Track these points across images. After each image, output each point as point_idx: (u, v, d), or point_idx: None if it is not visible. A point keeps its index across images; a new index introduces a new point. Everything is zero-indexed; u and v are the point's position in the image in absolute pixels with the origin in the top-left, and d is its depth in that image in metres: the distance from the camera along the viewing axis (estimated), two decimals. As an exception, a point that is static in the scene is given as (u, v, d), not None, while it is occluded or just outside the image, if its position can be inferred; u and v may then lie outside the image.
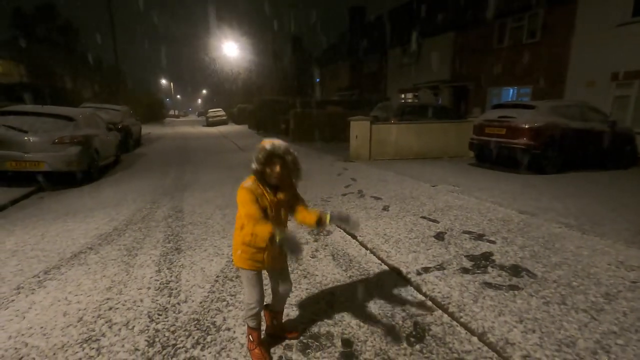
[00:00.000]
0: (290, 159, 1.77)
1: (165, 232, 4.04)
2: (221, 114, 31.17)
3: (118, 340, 2.13)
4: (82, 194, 6.00)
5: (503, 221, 4.17)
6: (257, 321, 1.98)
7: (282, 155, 1.75)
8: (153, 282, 2.85)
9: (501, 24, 14.09)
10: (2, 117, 6.35)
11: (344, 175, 7.33)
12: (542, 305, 2.44)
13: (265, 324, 2.18)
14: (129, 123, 12.33)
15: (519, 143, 7.45)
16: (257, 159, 1.74)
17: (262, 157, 1.74)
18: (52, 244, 3.69)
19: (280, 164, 1.75)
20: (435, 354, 2.05)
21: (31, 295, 2.67)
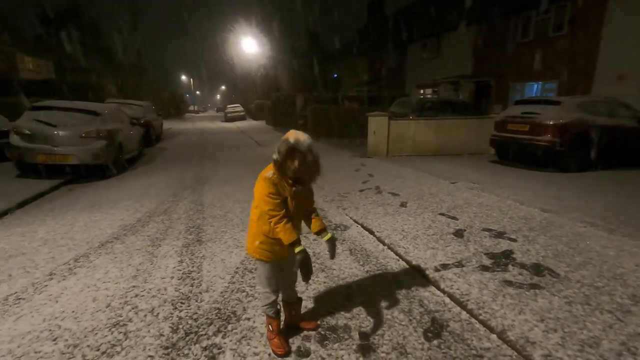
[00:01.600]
0: (311, 158, 1.79)
1: (187, 224, 4.16)
2: (239, 110, 31.51)
3: (144, 326, 2.22)
4: (108, 186, 6.23)
5: (525, 219, 4.08)
6: (274, 310, 2.02)
7: (303, 152, 1.77)
8: (176, 272, 2.95)
9: (525, 17, 13.66)
10: (33, 112, 6.64)
11: (361, 171, 7.31)
12: (565, 305, 2.39)
13: (284, 315, 2.22)
14: (150, 118, 12.64)
15: (542, 140, 7.23)
16: (279, 150, 1.78)
17: (284, 150, 1.77)
18: (80, 233, 3.86)
19: (300, 159, 1.78)
20: (453, 349, 2.05)
21: (63, 281, 2.81)
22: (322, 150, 11.41)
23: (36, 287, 2.71)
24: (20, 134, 6.23)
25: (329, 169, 7.42)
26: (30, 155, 6.19)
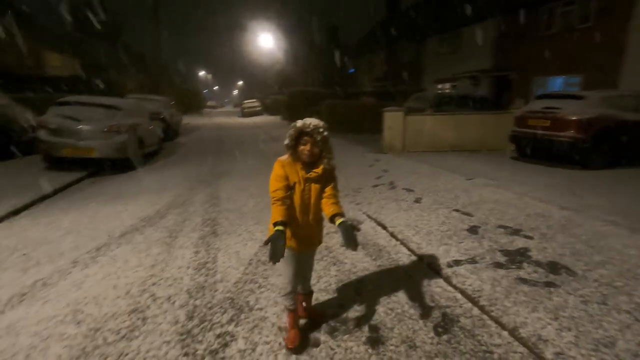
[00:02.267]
0: (320, 138, 1.80)
1: (203, 216, 4.26)
2: (256, 105, 31.74)
3: (161, 313, 2.31)
4: (128, 179, 6.43)
5: (542, 217, 4.00)
6: (291, 301, 2.03)
7: (310, 133, 1.79)
8: (192, 262, 3.04)
9: (550, 8, 13.20)
10: (59, 107, 6.90)
11: (375, 166, 7.29)
12: (580, 304, 2.35)
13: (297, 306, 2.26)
14: (169, 113, 12.91)
15: (565, 136, 7.01)
16: (289, 134, 1.82)
17: (293, 134, 1.81)
18: (102, 224, 4.01)
19: (311, 142, 1.80)
20: (463, 345, 2.05)
21: (85, 269, 2.94)
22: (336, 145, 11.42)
23: (61, 273, 2.85)
24: (46, 128, 6.49)
25: (343, 164, 7.43)
26: (55, 149, 6.45)
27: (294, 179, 1.86)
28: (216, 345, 2.01)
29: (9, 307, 2.40)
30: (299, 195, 1.87)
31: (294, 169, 1.87)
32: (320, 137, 1.80)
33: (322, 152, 1.84)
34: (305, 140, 1.81)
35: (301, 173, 1.86)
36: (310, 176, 1.86)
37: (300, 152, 1.83)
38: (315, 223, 1.98)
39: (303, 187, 1.87)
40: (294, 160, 1.86)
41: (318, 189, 1.90)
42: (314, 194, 1.90)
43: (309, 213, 1.92)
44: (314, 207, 1.92)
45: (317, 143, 1.81)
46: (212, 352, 1.96)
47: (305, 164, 1.86)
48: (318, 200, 1.92)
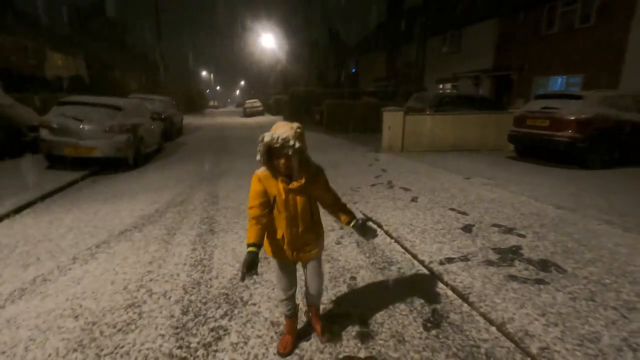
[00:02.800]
0: (292, 152, 1.60)
1: (201, 215, 4.32)
2: (257, 105, 31.84)
3: (157, 308, 2.37)
4: (129, 178, 6.50)
5: (537, 215, 4.03)
6: (287, 309, 1.98)
7: (280, 149, 1.61)
8: (188, 259, 3.10)
9: (550, 7, 13.18)
10: (61, 107, 6.98)
11: (375, 166, 7.33)
12: (569, 301, 2.39)
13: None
14: (171, 113, 12.99)
15: (563, 136, 7.03)
16: (259, 151, 1.65)
17: (262, 150, 1.64)
18: (102, 221, 4.08)
19: (284, 157, 1.63)
20: (451, 340, 2.09)
21: (85, 265, 3.00)
22: (337, 145, 11.45)
23: (61, 269, 2.92)
24: (49, 128, 6.57)
25: (343, 164, 7.48)
26: (58, 148, 6.52)
27: (274, 192, 1.73)
28: (209, 339, 2.07)
29: (9, 301, 2.46)
30: (283, 207, 1.75)
31: (272, 181, 1.73)
32: (292, 151, 1.60)
33: (298, 164, 1.68)
34: (277, 155, 1.65)
35: (281, 185, 1.71)
36: (293, 187, 1.71)
37: (276, 166, 1.69)
38: (308, 233, 1.84)
39: (286, 199, 1.73)
40: (272, 175, 1.72)
41: (304, 200, 1.77)
42: (300, 205, 1.77)
43: (298, 225, 1.79)
44: (301, 217, 1.79)
45: (290, 157, 1.63)
46: (205, 345, 2.02)
47: (285, 175, 1.72)
48: (306, 210, 1.80)
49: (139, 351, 1.96)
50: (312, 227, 1.86)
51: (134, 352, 1.95)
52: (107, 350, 1.97)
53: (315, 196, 1.86)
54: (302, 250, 1.86)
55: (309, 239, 1.86)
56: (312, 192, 1.81)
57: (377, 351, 1.99)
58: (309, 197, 1.80)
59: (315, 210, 1.88)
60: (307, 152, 1.70)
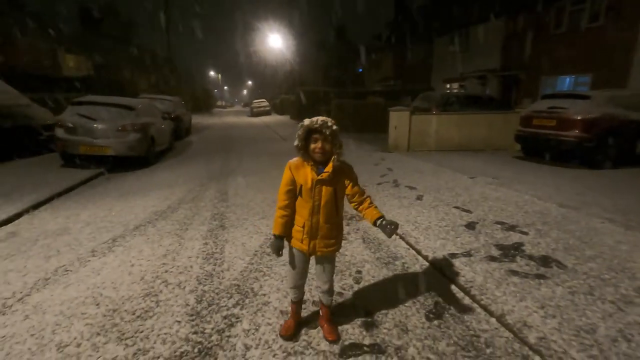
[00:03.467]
0: (329, 132, 1.77)
1: (212, 211, 4.47)
2: (265, 105, 32.06)
3: (172, 297, 2.51)
4: (141, 176, 6.68)
5: (540, 214, 4.09)
6: (294, 295, 2.09)
7: (319, 130, 1.77)
8: (201, 253, 3.23)
9: (559, 7, 13.12)
10: (75, 106, 7.18)
11: (380, 165, 7.42)
12: (568, 295, 2.47)
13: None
14: (180, 113, 13.21)
15: (570, 135, 7.04)
16: (298, 135, 1.81)
17: (301, 133, 1.79)
18: (117, 217, 4.24)
19: (321, 138, 1.78)
20: (452, 329, 2.19)
21: (103, 257, 3.16)
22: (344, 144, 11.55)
23: (81, 261, 3.07)
24: (64, 127, 6.78)
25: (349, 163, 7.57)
26: (73, 146, 6.73)
27: (301, 180, 1.84)
28: (223, 325, 2.19)
29: (34, 290, 2.62)
30: (308, 195, 1.84)
31: (303, 171, 1.85)
32: (329, 132, 1.76)
33: (333, 147, 1.81)
34: (315, 138, 1.79)
35: (311, 175, 1.83)
36: (322, 177, 1.81)
37: (311, 152, 1.81)
38: (329, 225, 1.90)
39: (312, 187, 1.83)
40: (305, 161, 1.84)
41: (330, 191, 1.85)
42: (325, 196, 1.85)
43: (319, 215, 1.87)
44: (324, 208, 1.86)
45: (327, 138, 1.78)
46: (219, 331, 2.14)
47: (317, 163, 1.83)
48: (331, 202, 1.87)
49: (157, 335, 2.09)
50: (334, 221, 1.92)
51: (153, 336, 2.08)
52: (128, 334, 2.11)
53: (342, 189, 1.93)
54: (319, 243, 1.92)
55: (329, 232, 1.92)
56: (340, 184, 1.90)
57: (381, 339, 2.09)
58: (335, 191, 1.88)
59: (340, 207, 1.94)
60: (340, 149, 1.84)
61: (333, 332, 2.09)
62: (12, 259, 3.11)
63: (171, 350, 1.97)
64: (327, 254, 1.97)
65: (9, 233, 3.76)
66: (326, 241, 1.93)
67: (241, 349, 1.99)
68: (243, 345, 2.02)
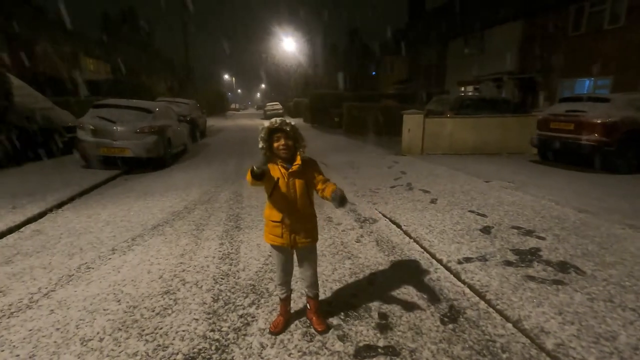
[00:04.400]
0: (289, 128, 1.90)
1: (227, 212, 4.54)
2: (278, 108, 32.33)
3: (190, 295, 2.57)
4: (158, 177, 6.84)
5: (558, 219, 4.02)
6: (282, 292, 2.18)
7: (280, 128, 1.89)
8: (217, 253, 3.30)
9: (578, 8, 12.86)
10: (96, 109, 7.41)
11: (394, 168, 7.39)
12: (586, 301, 2.42)
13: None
14: (196, 115, 13.45)
15: (589, 139, 6.89)
16: (261, 137, 1.91)
17: (264, 135, 1.91)
18: (136, 217, 4.36)
19: (283, 136, 1.90)
20: (467, 334, 2.18)
21: (123, 255, 3.25)
22: (356, 147, 11.56)
23: (102, 259, 3.17)
24: (85, 129, 7.00)
25: (362, 165, 7.60)
26: (93, 148, 6.95)
27: (276, 174, 1.95)
28: (239, 324, 2.24)
29: (59, 286, 2.72)
30: (285, 189, 1.96)
31: (274, 168, 1.96)
32: (289, 128, 1.89)
33: (296, 143, 1.94)
34: (277, 137, 1.91)
35: (282, 170, 1.95)
36: (293, 170, 1.94)
37: (276, 150, 1.93)
38: (305, 218, 2.03)
39: (287, 181, 1.95)
40: (272, 162, 1.95)
41: (302, 184, 1.98)
42: (299, 188, 1.98)
43: (297, 208, 1.99)
44: (300, 201, 1.98)
45: (289, 134, 1.90)
46: (235, 329, 2.19)
47: (284, 160, 1.95)
48: (304, 195, 2.00)
49: (176, 332, 2.15)
50: (309, 214, 2.06)
51: (172, 333, 2.14)
52: (148, 330, 2.17)
53: (311, 181, 2.02)
54: (298, 235, 2.02)
55: (307, 223, 2.05)
56: (308, 176, 2.01)
57: (395, 341, 2.10)
58: (306, 183, 2.01)
59: (311, 197, 2.07)
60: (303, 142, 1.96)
61: (322, 323, 2.20)
62: (38, 256, 3.24)
63: (189, 346, 2.03)
64: (307, 244, 2.07)
65: (34, 231, 3.91)
66: (305, 233, 2.04)
67: (257, 348, 2.02)
68: (259, 344, 2.05)
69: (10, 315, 2.33)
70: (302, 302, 2.44)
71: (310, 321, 2.24)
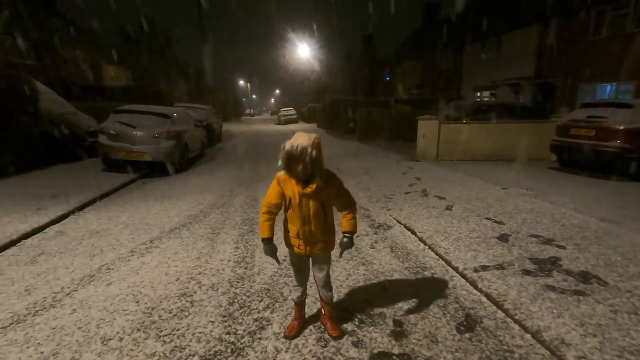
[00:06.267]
0: (308, 159, 1.81)
1: (242, 216, 4.60)
2: (292, 113, 32.56)
3: (206, 298, 2.61)
4: (175, 181, 6.97)
5: (578, 227, 3.92)
6: (297, 296, 2.18)
7: (300, 157, 1.81)
8: (232, 256, 3.34)
9: (599, 12, 12.57)
10: (117, 114, 7.64)
11: (408, 174, 7.34)
12: (609, 313, 2.35)
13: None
14: (212, 121, 13.68)
15: (610, 146, 6.71)
16: (281, 157, 1.87)
17: (284, 157, 1.86)
18: (154, 219, 4.45)
19: (301, 164, 1.84)
20: (484, 343, 2.14)
21: (141, 257, 3.33)
22: (370, 152, 11.51)
23: (122, 260, 3.26)
24: (106, 133, 7.21)
25: (376, 171, 7.57)
26: (114, 152, 7.15)
27: (289, 194, 1.95)
28: (254, 328, 2.26)
29: (80, 286, 2.80)
30: (297, 208, 1.95)
31: (290, 184, 1.94)
32: (309, 159, 1.81)
33: (314, 170, 1.87)
34: (294, 162, 1.85)
35: (297, 189, 1.92)
36: (306, 192, 1.91)
37: (294, 171, 1.88)
38: (320, 232, 2.01)
39: (299, 202, 1.93)
40: (290, 176, 1.93)
41: (316, 204, 1.95)
42: (313, 208, 1.95)
43: (310, 224, 1.98)
44: (314, 219, 1.97)
45: (307, 165, 1.83)
46: (250, 332, 2.21)
47: (300, 180, 1.92)
48: (319, 212, 1.98)
49: (192, 334, 2.19)
50: (324, 228, 2.04)
51: (189, 335, 2.18)
52: (165, 331, 2.21)
53: (329, 198, 2.02)
54: (314, 246, 2.05)
55: (322, 237, 2.05)
56: (325, 197, 1.99)
57: (410, 349, 2.08)
58: (321, 202, 1.98)
59: (329, 213, 2.05)
60: (322, 161, 1.90)
61: (336, 329, 2.20)
62: (61, 256, 3.35)
63: (206, 348, 2.06)
64: (322, 253, 2.09)
65: (57, 232, 4.04)
66: (321, 244, 2.06)
67: (272, 352, 2.04)
68: (274, 348, 2.07)
69: (35, 314, 2.41)
70: (316, 307, 2.44)
71: (324, 326, 2.25)
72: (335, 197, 2.02)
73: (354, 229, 2.05)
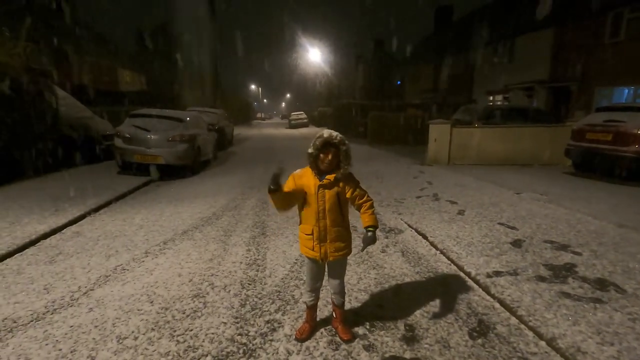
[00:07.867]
0: (344, 149, 1.92)
1: (254, 219, 4.64)
2: (302, 117, 32.72)
3: (218, 299, 2.64)
4: (188, 184, 7.08)
5: (595, 233, 3.83)
6: (309, 300, 2.18)
7: (337, 145, 1.91)
8: (244, 258, 3.37)
9: (616, 14, 12.34)
10: (132, 118, 7.80)
11: (420, 178, 7.30)
12: (627, 321, 2.29)
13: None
14: (224, 124, 13.85)
15: (628, 151, 6.56)
16: (314, 144, 1.92)
17: (318, 143, 1.91)
18: (167, 221, 4.53)
19: (333, 152, 1.91)
20: (498, 350, 2.11)
21: (155, 258, 3.39)
22: (381, 156, 11.50)
23: (136, 261, 3.32)
24: (122, 137, 7.37)
25: (387, 175, 7.55)
26: (129, 155, 7.30)
27: (305, 184, 1.98)
28: (265, 329, 2.27)
29: (97, 285, 2.87)
30: (313, 199, 1.96)
31: (306, 179, 1.98)
32: (344, 148, 1.92)
33: (341, 162, 1.95)
34: (328, 151, 1.91)
35: (314, 181, 1.96)
36: (323, 183, 1.95)
37: (319, 161, 1.94)
38: (336, 229, 2.00)
39: (316, 192, 1.96)
40: (311, 168, 1.97)
41: (332, 196, 1.97)
42: (329, 200, 1.96)
43: (326, 219, 1.98)
44: (329, 214, 1.97)
45: (339, 154, 1.92)
46: (262, 334, 2.22)
47: (320, 172, 1.97)
48: (335, 207, 1.98)
49: (205, 335, 2.22)
50: (340, 226, 2.03)
51: (202, 335, 2.21)
52: (179, 332, 2.25)
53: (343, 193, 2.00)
54: (330, 247, 2.01)
55: (337, 236, 2.02)
56: (341, 189, 2.00)
57: (422, 354, 2.07)
58: (338, 196, 1.99)
59: (345, 212, 2.05)
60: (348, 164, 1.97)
61: (348, 332, 2.19)
62: (78, 257, 3.43)
63: (218, 349, 2.08)
64: (338, 258, 2.07)
65: (74, 233, 4.14)
66: (336, 245, 2.03)
67: (283, 354, 2.05)
68: (285, 350, 2.08)
69: (54, 312, 2.48)
70: (328, 310, 2.45)
71: (335, 330, 2.25)
72: (352, 192, 2.02)
73: (376, 223, 2.04)
